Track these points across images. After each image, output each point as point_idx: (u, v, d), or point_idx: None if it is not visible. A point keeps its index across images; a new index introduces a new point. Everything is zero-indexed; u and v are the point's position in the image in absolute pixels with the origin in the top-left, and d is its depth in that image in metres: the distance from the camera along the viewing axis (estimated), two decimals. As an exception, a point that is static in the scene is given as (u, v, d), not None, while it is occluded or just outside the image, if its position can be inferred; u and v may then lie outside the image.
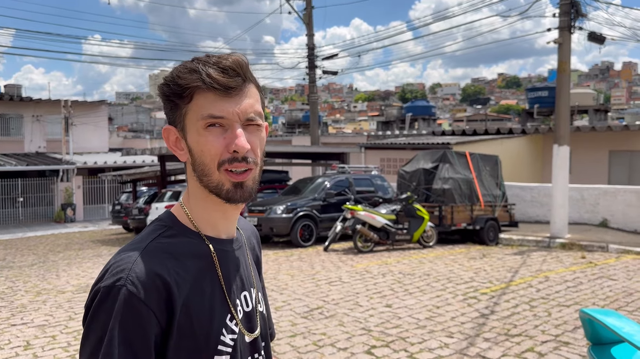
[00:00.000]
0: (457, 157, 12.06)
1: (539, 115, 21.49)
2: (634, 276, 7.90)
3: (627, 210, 12.93)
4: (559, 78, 10.85)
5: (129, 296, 0.84)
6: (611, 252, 10.26)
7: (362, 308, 6.05)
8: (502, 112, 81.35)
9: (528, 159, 17.58)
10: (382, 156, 18.54)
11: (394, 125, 30.74)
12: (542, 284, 7.22)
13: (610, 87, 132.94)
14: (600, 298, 6.53)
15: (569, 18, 10.26)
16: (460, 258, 9.38)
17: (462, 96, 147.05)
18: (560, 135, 10.91)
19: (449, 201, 11.35)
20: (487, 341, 4.91)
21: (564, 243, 10.61)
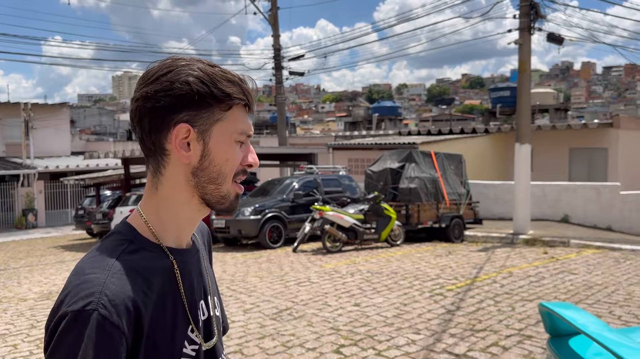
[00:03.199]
0: (422, 157, 12.25)
1: (502, 114, 22.04)
2: (593, 270, 8.18)
3: (587, 205, 13.38)
4: (519, 78, 11.15)
5: (102, 320, 0.81)
6: (572, 247, 10.59)
7: (331, 308, 6.08)
8: (467, 111, 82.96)
9: (491, 158, 17.99)
10: (350, 156, 18.66)
11: (361, 126, 30.98)
12: (506, 279, 7.40)
13: (570, 86, 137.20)
14: (561, 292, 6.73)
15: (528, 19, 10.55)
16: (427, 255, 9.52)
17: (428, 96, 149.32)
18: (521, 133, 11.20)
19: (416, 200, 11.51)
20: (453, 336, 5.01)
21: (526, 239, 10.89)
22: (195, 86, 0.90)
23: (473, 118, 57.33)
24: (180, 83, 0.90)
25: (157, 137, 0.93)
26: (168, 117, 0.91)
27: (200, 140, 0.93)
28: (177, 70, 0.91)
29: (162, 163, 0.94)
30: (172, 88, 0.90)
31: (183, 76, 0.90)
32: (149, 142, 0.94)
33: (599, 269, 8.27)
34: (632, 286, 7.10)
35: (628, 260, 9.25)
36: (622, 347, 1.87)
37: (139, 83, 0.94)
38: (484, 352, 4.58)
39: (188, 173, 0.94)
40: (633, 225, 13.38)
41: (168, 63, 0.93)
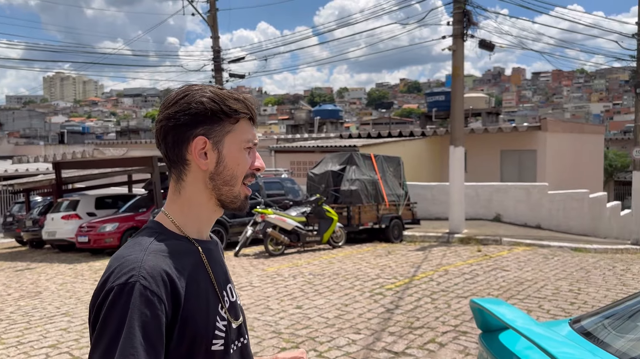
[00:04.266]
0: (363, 159, 12.45)
1: (437, 118, 22.79)
2: (524, 267, 8.60)
3: (517, 205, 14.06)
4: (453, 83, 11.57)
5: (143, 289, 0.95)
6: (504, 245, 11.10)
7: (273, 311, 6.06)
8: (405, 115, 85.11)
9: (428, 160, 18.55)
10: (292, 159, 18.68)
11: (304, 129, 31.11)
12: (442, 277, 7.65)
13: (502, 91, 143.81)
14: (494, 288, 7.04)
15: (461, 26, 10.98)
16: (368, 256, 9.69)
17: (368, 100, 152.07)
18: (455, 136, 11.62)
19: (357, 201, 11.68)
20: (392, 334, 5.13)
21: (461, 238, 11.31)
22: (208, 105, 1.09)
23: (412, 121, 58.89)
24: (195, 103, 1.09)
25: (180, 150, 1.11)
26: (188, 132, 1.10)
27: (215, 150, 1.11)
28: (192, 94, 1.10)
29: (184, 171, 1.12)
30: (190, 108, 1.09)
31: (197, 97, 1.10)
32: (172, 154, 1.12)
33: (529, 265, 8.71)
34: (560, 281, 7.53)
35: (556, 256, 9.80)
36: (546, 340, 1.97)
37: (161, 108, 1.13)
38: (422, 349, 4.72)
39: (206, 178, 1.12)
40: (560, 223, 14.20)
41: (184, 89, 1.12)
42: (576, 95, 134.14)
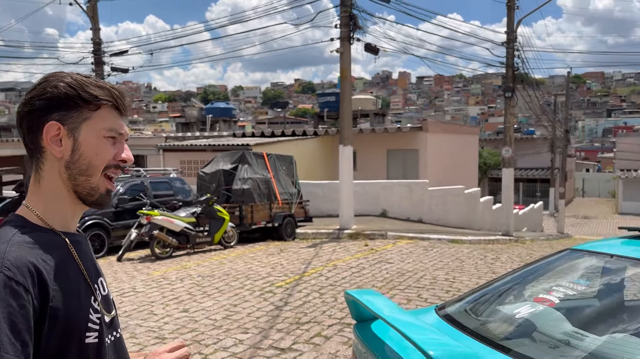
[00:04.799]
0: (255, 158, 12.40)
1: (329, 118, 23.39)
2: (406, 259, 9.10)
3: (401, 201, 14.84)
4: (341, 84, 11.92)
5: (8, 280, 0.92)
6: (389, 239, 11.66)
7: (157, 317, 5.83)
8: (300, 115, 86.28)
9: (320, 159, 18.95)
10: (182, 158, 18.11)
11: (195, 127, 30.27)
12: (331, 272, 7.86)
13: (389, 94, 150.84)
14: (379, 280, 7.37)
15: (348, 30, 11.34)
16: (260, 255, 9.67)
17: (263, 99, 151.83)
18: (344, 136, 11.99)
19: (249, 200, 11.61)
20: (280, 331, 5.16)
21: (351, 234, 11.70)
22: (63, 89, 1.06)
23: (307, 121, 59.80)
24: (51, 87, 1.06)
25: (35, 137, 1.07)
26: (42, 118, 1.06)
27: (70, 137, 1.07)
28: (51, 79, 1.07)
29: (41, 159, 1.08)
30: (45, 92, 1.06)
31: (54, 82, 1.07)
32: (29, 141, 1.09)
33: (411, 257, 9.24)
34: (437, 271, 8.07)
35: (435, 248, 10.49)
36: (408, 327, 2.08)
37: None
38: (308, 343, 4.81)
39: (62, 166, 1.07)
40: (440, 217, 15.21)
41: (47, 75, 1.09)
42: (456, 98, 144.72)
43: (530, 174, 39.19)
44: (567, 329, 2.28)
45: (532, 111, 25.29)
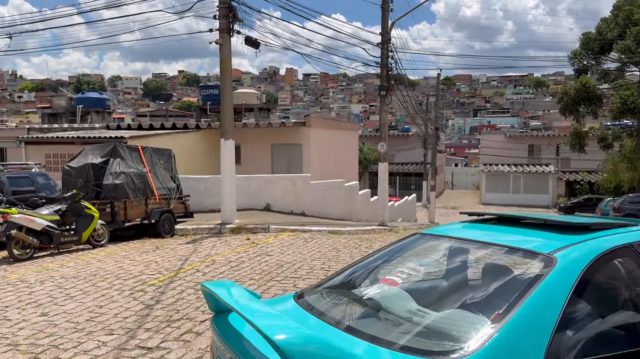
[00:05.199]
0: (129, 151, 11.77)
1: (212, 111, 22.91)
2: (286, 251, 9.21)
3: (285, 195, 14.99)
4: (222, 77, 11.72)
5: None
6: (272, 232, 11.71)
7: (11, 322, 5.31)
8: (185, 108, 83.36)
9: (203, 153, 18.51)
10: (48, 151, 16.65)
11: (64, 118, 27.94)
12: (209, 267, 7.72)
13: (277, 90, 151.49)
14: (257, 273, 7.37)
15: (227, 21, 11.16)
16: (133, 253, 9.21)
17: (145, 91, 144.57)
18: (225, 129, 11.81)
19: (122, 196, 11.00)
20: (149, 331, 4.96)
21: (233, 228, 11.58)
22: None
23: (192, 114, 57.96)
24: None
25: None
26: None
27: None
28: None
29: None
30: None
31: None
32: None
33: (291, 249, 9.37)
34: (314, 261, 8.26)
35: (314, 239, 10.74)
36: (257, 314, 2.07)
37: None
38: (178, 341, 4.67)
39: None
40: (321, 209, 15.60)
41: None
42: (340, 96, 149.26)
43: (406, 168, 41.67)
44: (412, 307, 2.45)
45: (407, 110, 26.83)
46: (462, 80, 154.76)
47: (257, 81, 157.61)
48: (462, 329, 2.03)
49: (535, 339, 1.90)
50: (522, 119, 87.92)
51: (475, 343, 1.88)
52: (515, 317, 1.94)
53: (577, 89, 27.19)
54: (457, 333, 2.02)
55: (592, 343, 2.08)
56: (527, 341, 1.90)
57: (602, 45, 27.14)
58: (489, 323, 1.98)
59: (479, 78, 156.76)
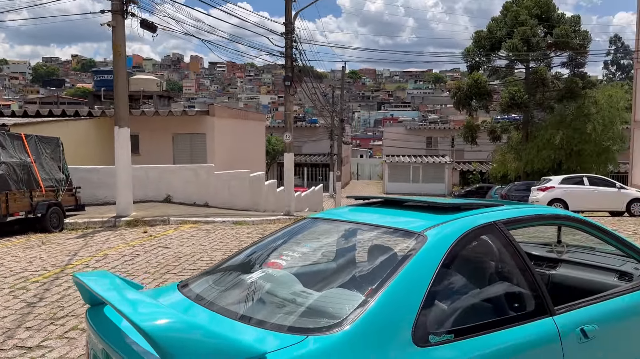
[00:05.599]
0: (11, 139, 10.80)
1: (106, 98, 21.63)
2: (186, 243, 8.96)
3: (186, 186, 14.57)
4: (115, 61, 11.10)
5: None
6: (172, 224, 11.34)
7: None
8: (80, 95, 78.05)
9: (96, 142, 17.47)
10: None
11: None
12: (100, 262, 7.31)
13: (181, 78, 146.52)
14: (152, 266, 7.10)
15: (121, 2, 10.57)
16: (15, 249, 8.49)
17: (34, 76, 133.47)
18: (120, 117, 11.22)
19: (3, 188, 10.07)
20: (29, 329, 4.61)
21: (129, 221, 11.06)
22: None
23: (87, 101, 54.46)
24: None
25: None
26: None
27: None
28: None
29: None
30: None
31: None
32: None
33: (191, 241, 9.14)
34: (215, 252, 8.12)
35: (217, 230, 10.55)
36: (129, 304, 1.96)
37: None
38: (61, 338, 4.39)
39: None
40: (226, 200, 15.37)
41: None
42: (248, 86, 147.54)
43: (313, 159, 42.25)
44: (296, 289, 2.47)
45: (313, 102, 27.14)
46: (367, 75, 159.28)
47: (159, 68, 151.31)
48: (339, 306, 2.09)
49: (405, 311, 2.00)
50: (422, 113, 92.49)
51: (350, 317, 1.94)
52: (386, 292, 2.02)
53: (469, 85, 29.06)
54: (333, 310, 2.07)
55: (459, 314, 2.22)
56: (397, 313, 1.99)
57: (492, 43, 29.17)
58: (363, 298, 2.05)
59: (382, 72, 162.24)
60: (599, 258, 3.52)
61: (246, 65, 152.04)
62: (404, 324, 1.97)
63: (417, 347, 1.95)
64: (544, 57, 28.68)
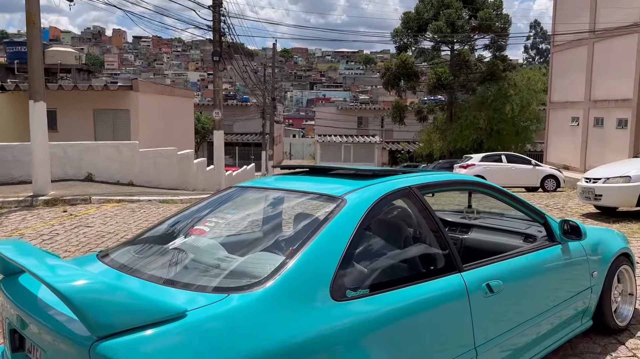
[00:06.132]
0: None
1: (20, 71, 20.17)
2: (109, 221, 8.66)
3: (109, 164, 14.00)
4: (29, 31, 10.39)
5: None
6: (94, 203, 10.90)
7: None
8: (-11, 68, 72.14)
9: (10, 117, 16.36)
10: None
11: None
12: (15, 242, 6.94)
13: (103, 52, 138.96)
14: (73, 245, 6.83)
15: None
16: None
17: None
18: (35, 90, 10.55)
19: None
20: None
21: (47, 200, 10.51)
22: None
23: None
24: None
25: None
26: None
27: None
28: None
29: None
30: None
31: None
32: None
33: (115, 219, 8.84)
34: (140, 231, 7.91)
35: (143, 209, 10.27)
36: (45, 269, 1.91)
37: None
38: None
39: None
40: (152, 179, 14.93)
41: None
42: (176, 62, 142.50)
43: (245, 139, 41.78)
44: (220, 255, 2.50)
45: (244, 80, 26.75)
46: (299, 54, 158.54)
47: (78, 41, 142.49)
48: (260, 267, 2.14)
49: (324, 269, 2.09)
50: (353, 93, 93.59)
51: (271, 277, 2.01)
52: (305, 252, 2.11)
53: (398, 65, 29.74)
54: (255, 271, 2.12)
55: (375, 271, 2.34)
56: (316, 271, 2.08)
57: (420, 24, 29.92)
58: (283, 259, 2.12)
59: (315, 52, 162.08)
60: (507, 223, 3.80)
61: (173, 40, 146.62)
62: (322, 281, 2.06)
63: (335, 301, 2.05)
64: (468, 39, 29.83)
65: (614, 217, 9.22)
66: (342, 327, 2.01)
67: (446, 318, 2.42)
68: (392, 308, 2.20)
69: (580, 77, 21.95)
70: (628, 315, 3.89)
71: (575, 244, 3.35)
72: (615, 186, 8.81)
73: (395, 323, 2.19)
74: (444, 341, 2.41)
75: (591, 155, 20.81)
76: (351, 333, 2.03)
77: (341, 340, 2.00)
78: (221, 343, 1.76)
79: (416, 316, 2.28)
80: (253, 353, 1.78)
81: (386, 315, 2.17)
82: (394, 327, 2.18)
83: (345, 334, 2.02)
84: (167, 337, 1.71)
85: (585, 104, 21.66)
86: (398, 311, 2.22)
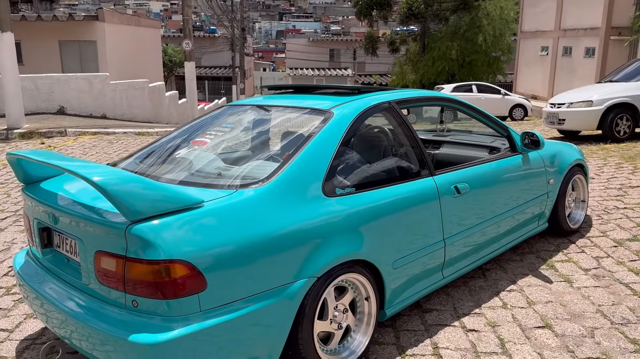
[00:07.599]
0: None
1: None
2: (89, 152, 8.78)
3: (81, 96, 13.82)
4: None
5: None
6: (70, 136, 10.90)
7: None
8: None
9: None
10: None
11: None
12: (1, 171, 7.05)
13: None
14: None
15: None
16: None
17: None
18: (2, 20, 10.20)
19: None
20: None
21: (23, 133, 10.47)
22: None
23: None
24: None
25: None
26: None
27: None
28: None
29: None
30: None
31: None
32: None
33: (94, 150, 8.96)
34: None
35: (120, 140, 10.35)
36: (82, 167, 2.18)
37: None
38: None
39: None
40: (125, 111, 14.84)
41: None
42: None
43: (215, 72, 40.93)
44: (220, 165, 2.78)
45: (212, 9, 25.94)
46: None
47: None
48: (262, 170, 2.46)
49: (317, 169, 2.42)
50: (324, 24, 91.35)
51: (272, 176, 2.33)
52: (301, 154, 2.43)
53: (370, -7, 29.13)
54: (258, 173, 2.43)
55: (360, 173, 2.69)
56: (310, 170, 2.41)
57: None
58: (281, 161, 2.43)
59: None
60: (475, 138, 4.18)
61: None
62: (316, 179, 2.40)
63: (326, 197, 2.40)
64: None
65: (576, 140, 9.78)
66: (333, 217, 2.38)
67: (420, 213, 2.81)
68: (375, 204, 2.57)
69: (552, 5, 22.07)
70: (580, 219, 4.38)
71: (534, 154, 3.75)
72: (577, 111, 9.27)
73: (378, 216, 2.57)
74: (418, 232, 2.81)
75: (559, 84, 21.35)
76: (341, 222, 2.40)
77: (332, 228, 2.37)
78: (234, 227, 2.09)
79: (395, 211, 2.66)
80: (261, 235, 2.12)
81: (370, 209, 2.54)
82: (376, 219, 2.56)
83: (336, 223, 2.39)
84: (188, 221, 2.03)
85: (555, 33, 21.94)
86: (379, 206, 2.59)
